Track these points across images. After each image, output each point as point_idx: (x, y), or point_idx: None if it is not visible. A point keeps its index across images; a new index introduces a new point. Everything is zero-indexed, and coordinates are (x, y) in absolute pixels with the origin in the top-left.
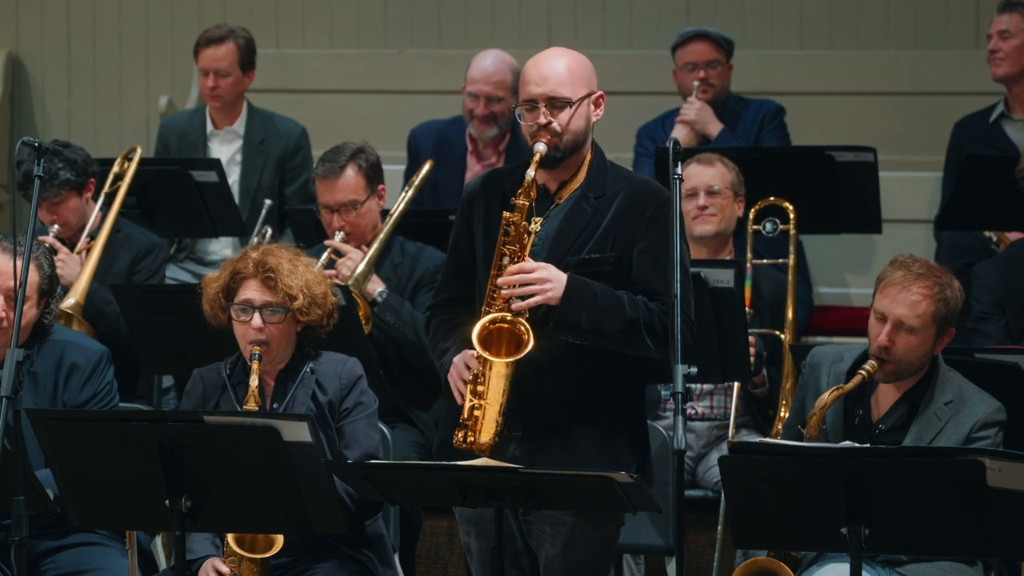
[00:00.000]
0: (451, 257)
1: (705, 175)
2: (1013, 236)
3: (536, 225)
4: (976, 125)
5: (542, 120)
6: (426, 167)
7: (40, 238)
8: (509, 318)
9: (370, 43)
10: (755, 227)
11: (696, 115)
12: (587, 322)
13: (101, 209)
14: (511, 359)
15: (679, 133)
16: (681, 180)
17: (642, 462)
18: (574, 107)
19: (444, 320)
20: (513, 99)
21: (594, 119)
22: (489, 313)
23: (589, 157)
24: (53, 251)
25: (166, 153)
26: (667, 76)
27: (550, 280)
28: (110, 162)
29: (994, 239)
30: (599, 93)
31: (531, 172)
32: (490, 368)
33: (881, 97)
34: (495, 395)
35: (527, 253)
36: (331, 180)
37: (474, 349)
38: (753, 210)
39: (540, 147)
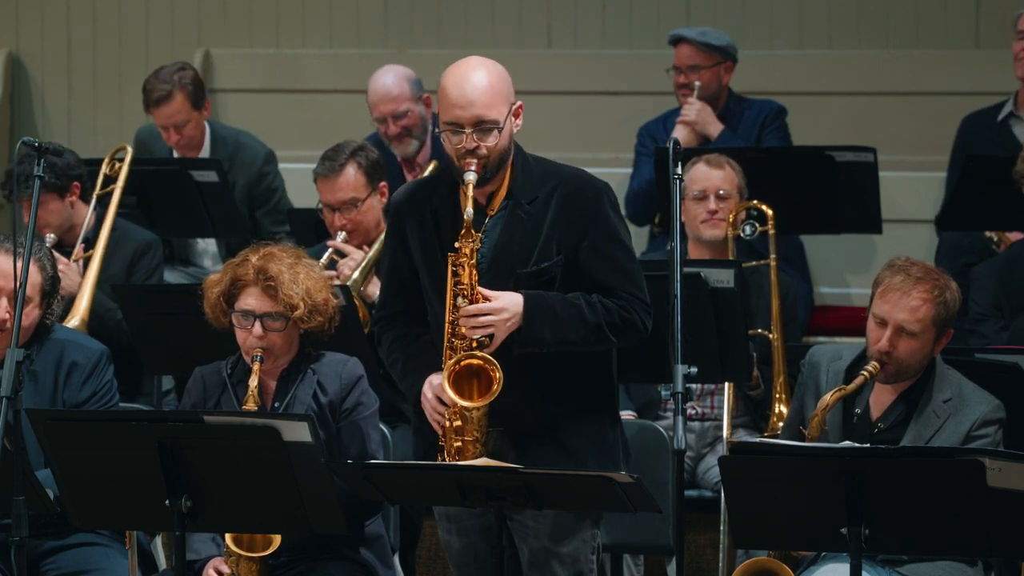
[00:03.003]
0: (390, 273)
1: (715, 178)
2: (1013, 236)
3: (476, 243)
4: (983, 123)
5: (469, 144)
6: (430, 167)
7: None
8: (478, 356)
9: (370, 43)
10: (735, 231)
11: (696, 116)
12: (551, 336)
13: (95, 210)
14: (484, 402)
15: (679, 133)
16: (681, 180)
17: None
18: (501, 130)
19: (398, 335)
20: (420, 107)
21: (515, 129)
22: (452, 354)
23: (511, 160)
24: None
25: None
26: (667, 76)
27: (507, 310)
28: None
29: (995, 239)
30: (518, 104)
31: (469, 211)
32: (467, 410)
33: (881, 97)
34: (473, 428)
35: (475, 279)
36: (331, 179)
37: (437, 373)
38: (731, 215)
39: (470, 176)
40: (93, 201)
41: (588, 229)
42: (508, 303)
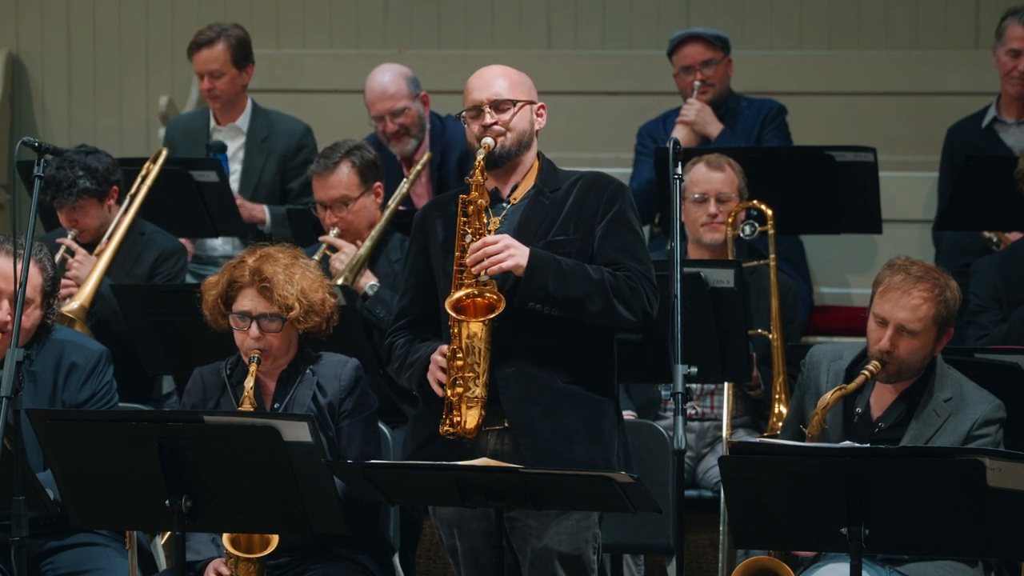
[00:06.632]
0: (409, 281)
1: (715, 181)
2: (1013, 236)
3: (494, 224)
4: (969, 130)
5: (487, 120)
6: (423, 160)
7: (59, 239)
8: (478, 291)
9: (370, 43)
10: (734, 232)
11: (696, 116)
12: (554, 287)
13: (125, 211)
14: (485, 319)
15: (679, 133)
16: (681, 180)
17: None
18: (517, 107)
19: (408, 339)
20: (417, 105)
21: (537, 127)
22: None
23: (538, 163)
24: (71, 252)
25: (172, 153)
26: (667, 76)
27: (513, 247)
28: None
29: (994, 239)
30: (540, 104)
31: (480, 156)
32: (467, 336)
33: (881, 97)
34: (473, 359)
35: (484, 221)
36: (324, 176)
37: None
38: (730, 215)
39: (487, 140)
40: (126, 202)
41: (604, 215)
42: (512, 240)
